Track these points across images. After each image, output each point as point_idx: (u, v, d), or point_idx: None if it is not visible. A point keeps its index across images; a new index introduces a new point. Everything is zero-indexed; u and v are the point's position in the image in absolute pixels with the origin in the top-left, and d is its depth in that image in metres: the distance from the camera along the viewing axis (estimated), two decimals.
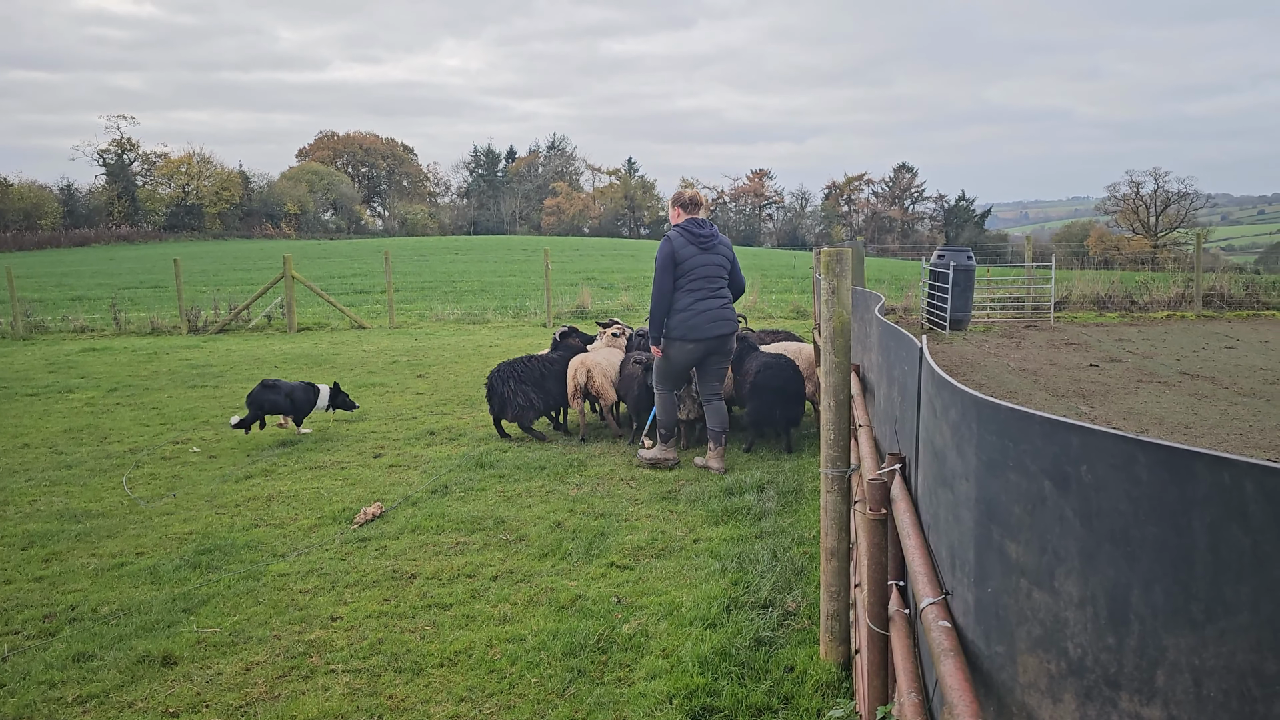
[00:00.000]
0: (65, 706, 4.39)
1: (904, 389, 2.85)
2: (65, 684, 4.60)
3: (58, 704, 4.41)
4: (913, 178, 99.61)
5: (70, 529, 7.02)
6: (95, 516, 7.36)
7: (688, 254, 7.93)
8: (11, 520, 7.30)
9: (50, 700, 4.44)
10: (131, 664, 4.78)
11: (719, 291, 8.08)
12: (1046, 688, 1.46)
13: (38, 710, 4.35)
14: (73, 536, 6.86)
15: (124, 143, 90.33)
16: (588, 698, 4.33)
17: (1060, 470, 1.39)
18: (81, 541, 6.77)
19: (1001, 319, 20.39)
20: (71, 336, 21.16)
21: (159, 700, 4.41)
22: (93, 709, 4.37)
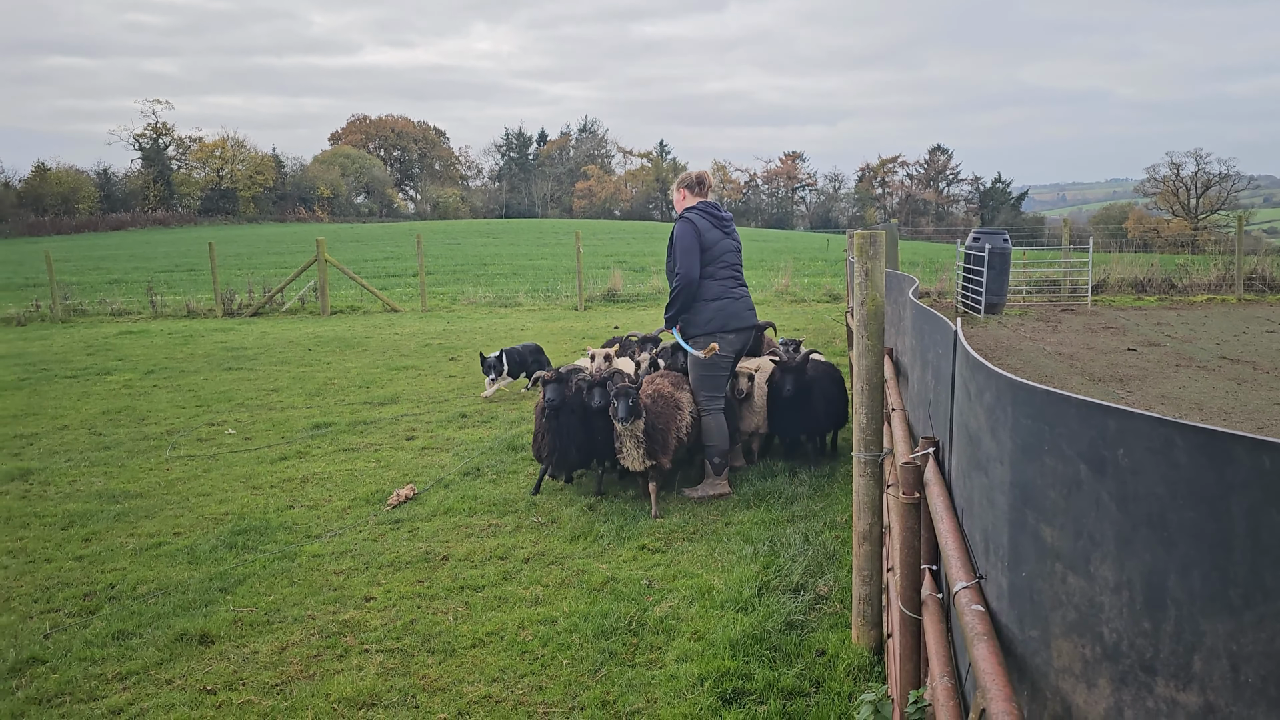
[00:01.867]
0: (105, 683, 4.48)
1: (938, 372, 2.82)
2: (105, 661, 4.70)
3: (98, 680, 4.50)
4: (948, 160, 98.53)
5: (109, 509, 7.15)
6: (133, 497, 7.49)
7: (713, 238, 7.17)
8: (52, 500, 7.44)
9: (91, 677, 4.54)
10: (170, 642, 4.86)
11: (743, 279, 7.48)
12: (1081, 672, 1.45)
13: (79, 686, 4.45)
14: (111, 516, 6.98)
15: (159, 127, 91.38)
16: (619, 679, 4.35)
17: (1097, 454, 1.37)
18: (120, 521, 6.89)
19: (1037, 302, 20.15)
20: (109, 320, 21.48)
21: (196, 678, 4.49)
22: (132, 685, 4.45)
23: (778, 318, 17.90)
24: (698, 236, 7.11)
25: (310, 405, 10.96)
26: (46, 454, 8.97)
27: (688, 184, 7.42)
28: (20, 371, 13.96)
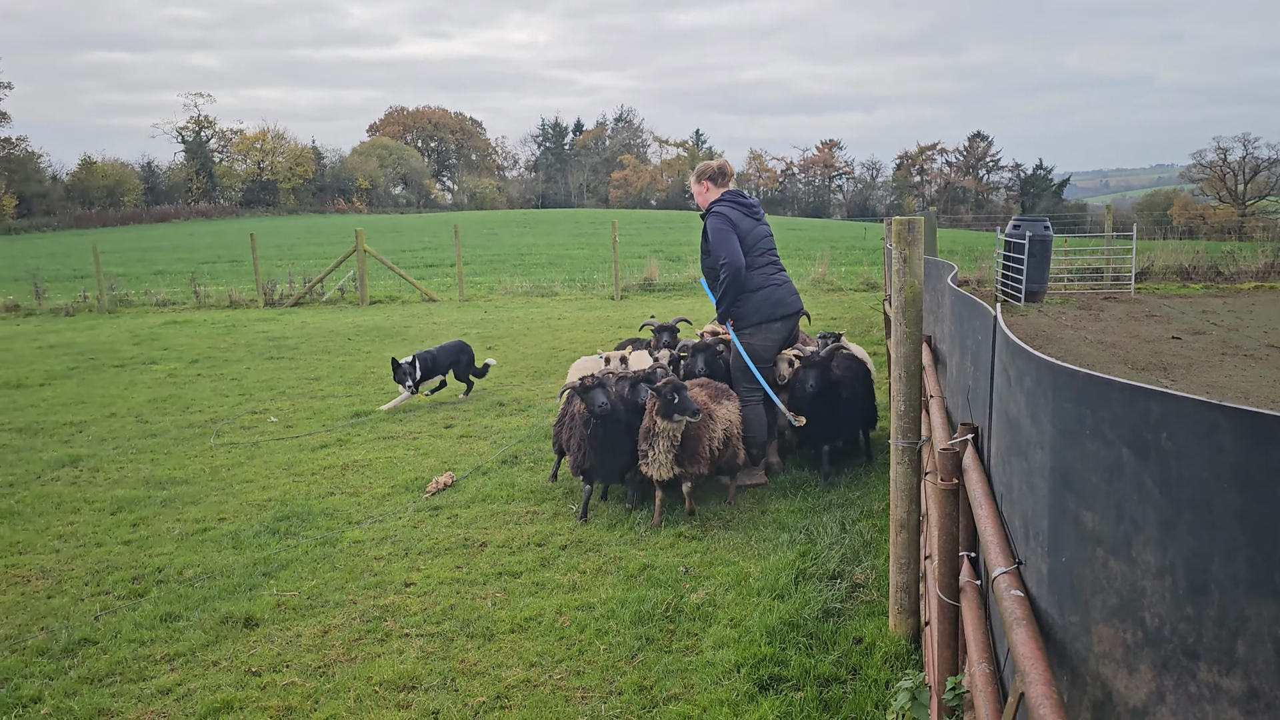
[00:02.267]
0: (154, 664, 4.59)
1: (977, 358, 2.80)
2: (154, 642, 4.80)
3: (147, 661, 4.61)
4: (988, 146, 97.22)
5: (156, 495, 7.30)
6: (179, 483, 7.63)
7: (747, 226, 7.02)
8: (101, 486, 7.60)
9: (140, 658, 4.64)
10: (215, 625, 4.96)
11: (781, 264, 7.33)
12: (1122, 658, 1.44)
13: (129, 667, 4.55)
14: (158, 502, 7.12)
15: (201, 120, 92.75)
16: (656, 665, 4.37)
17: (1139, 438, 1.36)
18: (167, 507, 7.03)
19: (1079, 290, 19.86)
20: (154, 310, 21.86)
21: (242, 660, 4.58)
22: (180, 667, 4.55)
23: (814, 307, 17.81)
24: (733, 227, 6.98)
25: (350, 394, 11.09)
26: (95, 441, 9.16)
27: (710, 175, 7.20)
28: (70, 361, 14.26)
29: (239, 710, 4.10)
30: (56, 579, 5.72)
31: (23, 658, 4.66)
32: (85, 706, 4.17)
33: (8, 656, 4.68)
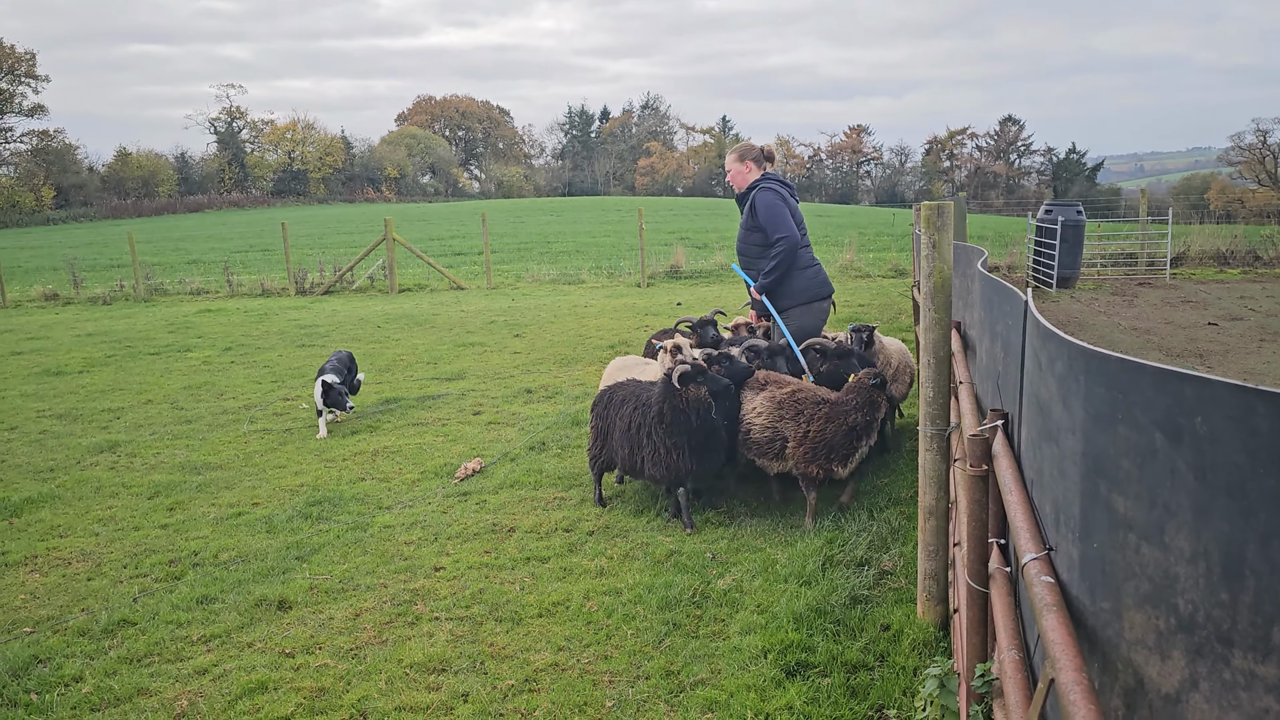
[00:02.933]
0: (190, 645, 4.66)
1: (1007, 344, 2.78)
2: (190, 624, 4.88)
3: (184, 642, 4.69)
4: (1019, 131, 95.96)
5: (191, 480, 7.40)
6: (214, 469, 7.74)
7: (791, 206, 6.97)
8: (139, 471, 7.72)
9: (177, 639, 4.72)
10: (250, 607, 5.04)
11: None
12: (1154, 644, 1.43)
13: (166, 647, 4.64)
14: (194, 487, 7.23)
15: (233, 111, 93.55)
16: (683, 650, 4.39)
17: (1173, 422, 1.35)
18: (202, 492, 7.13)
19: (1113, 276, 19.61)
20: (188, 298, 22.11)
21: (275, 641, 4.65)
22: (215, 648, 4.63)
23: (842, 293, 17.71)
24: (784, 203, 6.92)
25: (380, 381, 11.18)
26: (132, 427, 9.30)
27: (754, 157, 7.13)
28: (107, 349, 14.48)
29: (273, 690, 4.17)
30: (96, 561, 5.82)
31: (64, 638, 4.76)
32: (125, 686, 4.25)
33: (50, 637, 4.78)
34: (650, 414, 5.98)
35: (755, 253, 7.04)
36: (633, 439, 6.08)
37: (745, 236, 7.10)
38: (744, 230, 7.11)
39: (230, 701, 4.10)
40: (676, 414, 5.81)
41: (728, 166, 7.23)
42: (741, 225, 7.16)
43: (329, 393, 8.85)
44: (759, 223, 6.93)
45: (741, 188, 7.17)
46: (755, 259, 7.05)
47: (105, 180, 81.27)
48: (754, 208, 6.95)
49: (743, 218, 7.15)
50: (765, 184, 7.00)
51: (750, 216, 7.00)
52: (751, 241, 7.05)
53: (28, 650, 4.61)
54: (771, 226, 6.87)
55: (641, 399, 6.17)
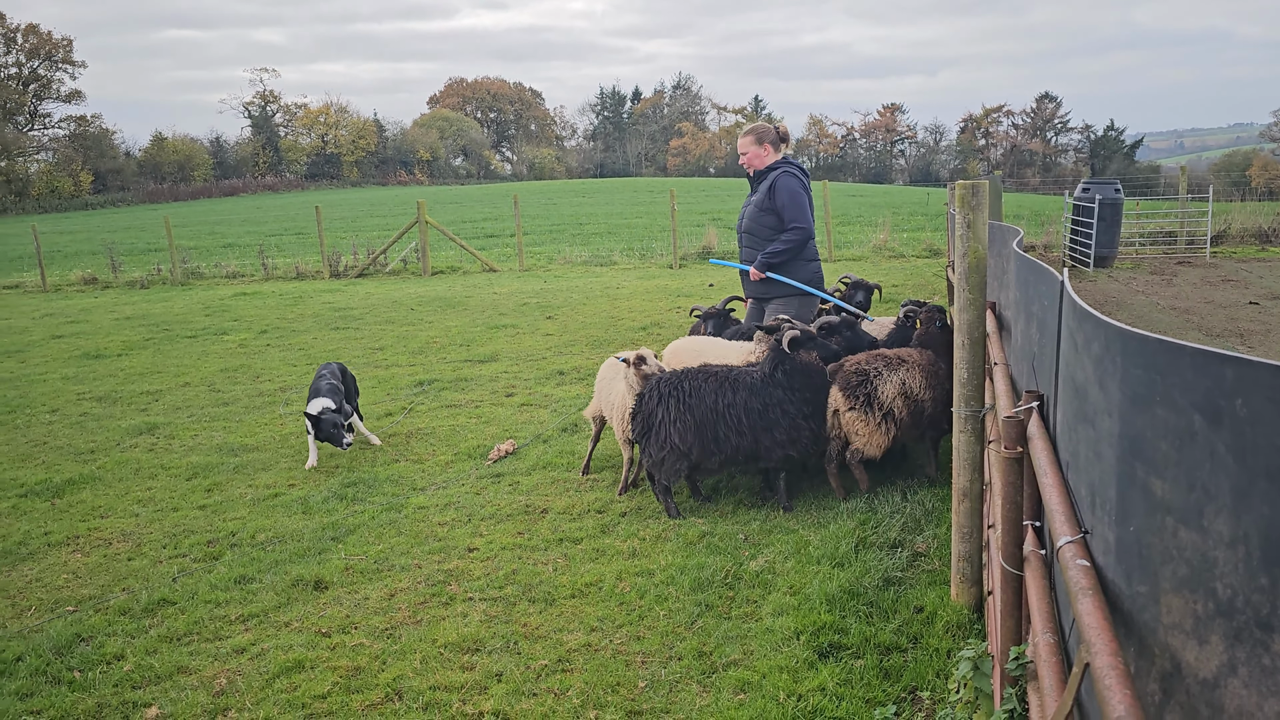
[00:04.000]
0: (229, 624, 4.74)
1: (1043, 324, 2.75)
2: (228, 604, 4.97)
3: (222, 621, 4.77)
4: (1056, 108, 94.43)
5: (229, 461, 7.51)
6: (251, 450, 7.84)
7: (809, 197, 6.94)
8: (177, 453, 7.85)
9: (216, 618, 4.81)
10: (287, 587, 5.11)
11: None
12: (1192, 629, 1.41)
13: (205, 626, 4.72)
14: (231, 469, 7.33)
15: (267, 95, 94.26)
16: (715, 631, 4.40)
17: (1212, 404, 1.33)
18: (239, 473, 7.23)
19: (1151, 255, 19.28)
20: (224, 282, 22.37)
21: (312, 621, 4.72)
22: (253, 627, 4.70)
23: (875, 274, 17.57)
24: (805, 191, 6.89)
25: (414, 363, 11.26)
26: (171, 409, 9.45)
27: (771, 139, 7.02)
28: (145, 332, 14.69)
29: (310, 669, 4.23)
30: (136, 542, 5.93)
31: (106, 617, 4.85)
32: (165, 664, 4.34)
33: (92, 615, 4.88)
34: (759, 389, 5.80)
35: (766, 234, 6.97)
36: (738, 421, 5.79)
37: (757, 216, 7.01)
38: (756, 210, 7.01)
39: (268, 680, 4.16)
40: (793, 375, 5.77)
41: (743, 149, 7.07)
42: (753, 204, 7.06)
43: (319, 427, 7.13)
44: (776, 205, 6.87)
45: (759, 168, 7.05)
46: (764, 240, 6.98)
47: (142, 165, 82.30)
48: (774, 190, 6.87)
49: (755, 196, 7.06)
50: (788, 168, 6.95)
51: (768, 198, 6.91)
52: (764, 223, 6.97)
53: (70, 628, 4.71)
54: (790, 213, 6.83)
55: (732, 380, 5.89)
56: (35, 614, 4.97)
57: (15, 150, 72.17)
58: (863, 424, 5.78)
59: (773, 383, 5.81)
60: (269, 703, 3.98)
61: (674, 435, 5.78)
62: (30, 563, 5.69)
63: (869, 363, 5.90)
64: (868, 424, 5.78)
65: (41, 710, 4.02)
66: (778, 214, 6.88)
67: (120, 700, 4.07)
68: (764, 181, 6.98)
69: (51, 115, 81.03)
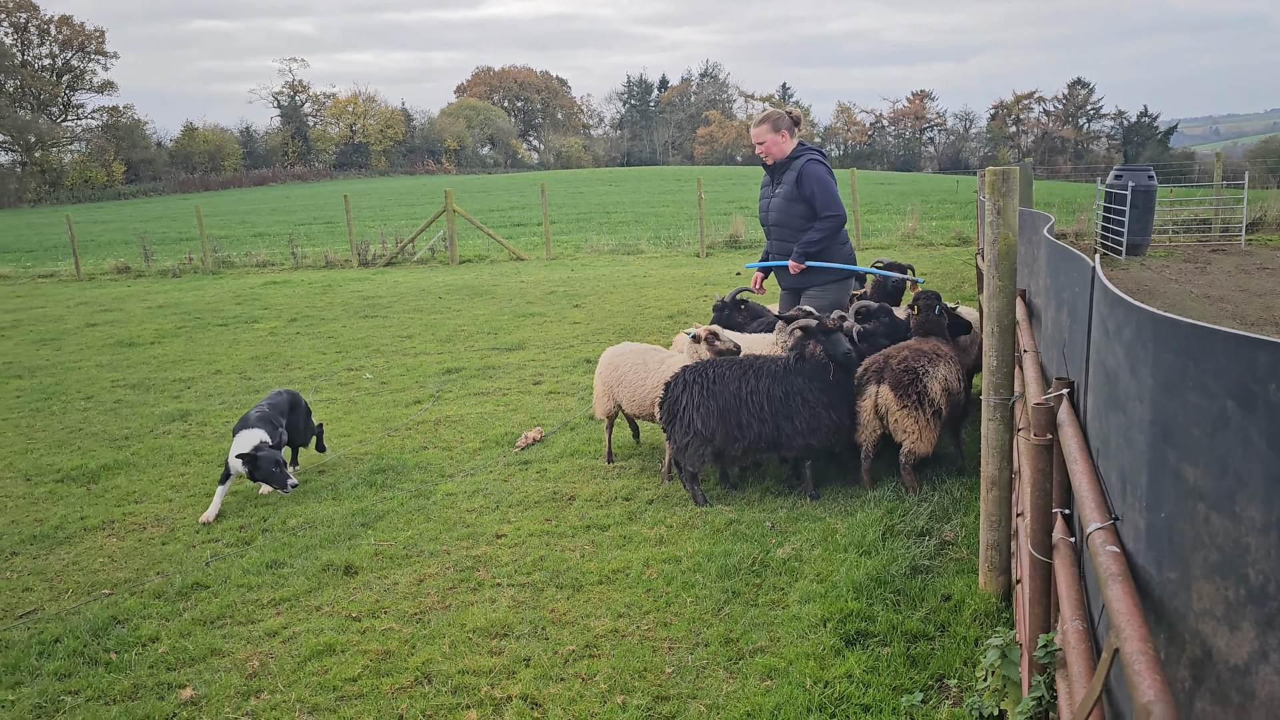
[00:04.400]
0: (261, 608, 4.81)
1: (1073, 311, 2.73)
2: (260, 588, 5.04)
3: (254, 605, 4.84)
4: (1088, 94, 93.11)
5: None
6: None
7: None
8: (209, 439, 7.95)
9: (248, 602, 4.88)
10: (317, 572, 5.17)
11: None
12: (1223, 615, 1.40)
13: (237, 610, 4.79)
14: None
15: (296, 85, 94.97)
16: (742, 618, 4.41)
17: (1245, 389, 1.31)
18: None
19: (1185, 243, 19.02)
20: (254, 271, 22.58)
21: (342, 605, 4.77)
22: (285, 611, 4.76)
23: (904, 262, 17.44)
24: (831, 176, 6.82)
25: (442, 351, 11.33)
26: (203, 396, 9.57)
27: (786, 125, 6.86)
28: (177, 321, 14.88)
29: (340, 653, 4.29)
30: (170, 526, 6.02)
31: (141, 600, 4.94)
32: (199, 646, 4.41)
33: (128, 598, 4.97)
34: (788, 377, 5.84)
35: (798, 225, 6.84)
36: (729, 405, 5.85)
37: (787, 208, 6.88)
38: (785, 201, 6.87)
39: (300, 663, 4.22)
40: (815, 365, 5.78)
41: (760, 137, 6.86)
42: (779, 196, 6.90)
43: (255, 467, 6.05)
44: (805, 194, 6.77)
45: (779, 157, 6.89)
46: (797, 231, 6.85)
47: (173, 155, 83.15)
48: (801, 179, 6.76)
49: (782, 188, 6.89)
50: (812, 155, 6.84)
51: (795, 188, 6.80)
52: (795, 214, 6.85)
53: (106, 611, 4.80)
54: (824, 201, 6.73)
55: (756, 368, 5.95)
56: (72, 596, 5.07)
57: (49, 141, 73.17)
58: (914, 423, 5.72)
59: (794, 371, 5.81)
60: (301, 685, 4.04)
61: (697, 421, 5.81)
62: (67, 546, 5.79)
63: (914, 359, 5.81)
64: (919, 422, 5.73)
65: (79, 690, 4.10)
66: (808, 203, 6.78)
67: (155, 681, 4.14)
68: (788, 171, 6.85)
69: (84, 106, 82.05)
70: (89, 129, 79.03)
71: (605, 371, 6.76)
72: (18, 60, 76.86)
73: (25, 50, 78.67)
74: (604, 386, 6.74)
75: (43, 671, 4.27)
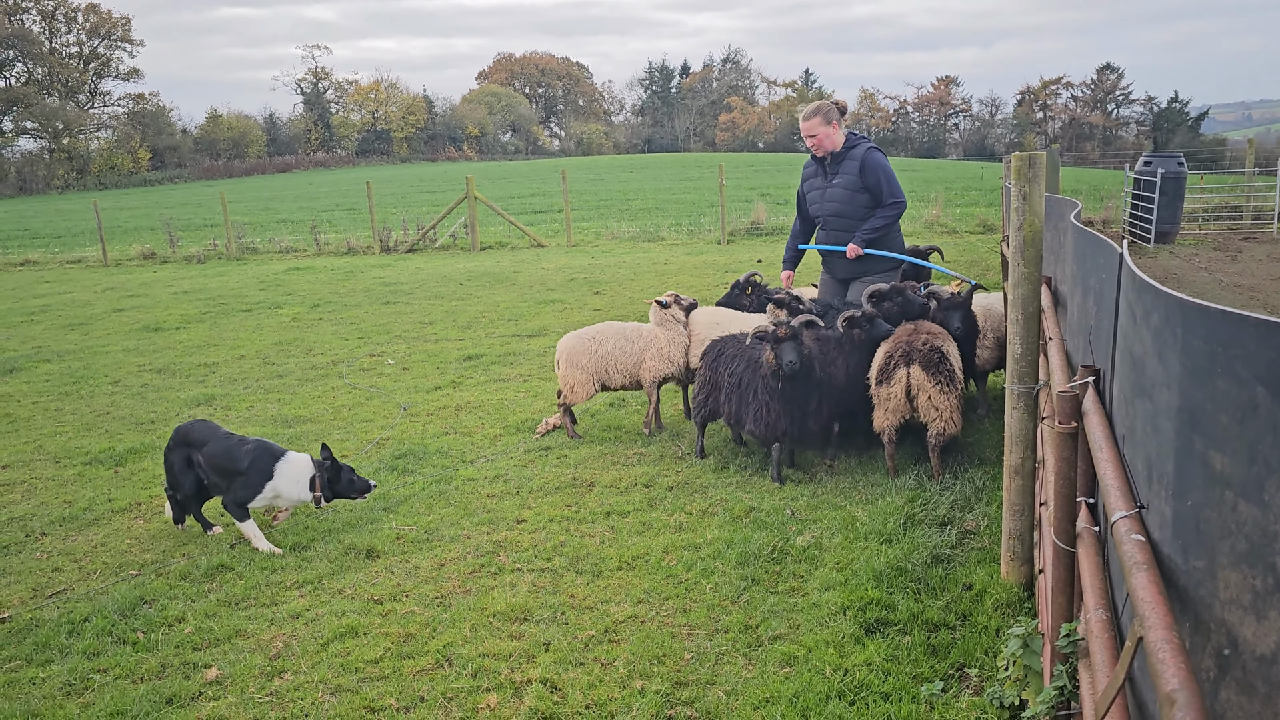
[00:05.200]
0: (284, 590, 4.85)
1: (1100, 297, 2.70)
2: (284, 570, 5.08)
3: (278, 587, 4.88)
4: (1117, 79, 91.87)
5: (284, 432, 7.65)
6: (304, 422, 7.99)
7: None
8: (234, 424, 8.01)
9: (272, 584, 4.92)
10: (340, 555, 5.21)
11: None
12: (1250, 604, 1.38)
13: (262, 592, 4.84)
14: (285, 439, 7.47)
15: (319, 72, 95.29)
16: (761, 605, 4.41)
17: (1276, 376, 1.29)
18: (293, 444, 7.36)
19: (1215, 231, 18.77)
20: (278, 257, 22.72)
21: (364, 589, 4.81)
22: (308, 593, 4.81)
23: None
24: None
25: (463, 337, 11.37)
26: (227, 381, 9.65)
27: (836, 117, 6.91)
28: (202, 306, 15.00)
29: (363, 635, 4.32)
30: None
31: (168, 581, 5.00)
32: (224, 627, 4.46)
33: (155, 579, 5.02)
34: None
35: (862, 214, 6.92)
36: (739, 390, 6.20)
37: (850, 199, 6.93)
38: (846, 191, 6.92)
39: (323, 644, 4.26)
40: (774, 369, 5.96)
41: (813, 130, 6.86)
42: (839, 186, 6.95)
43: (337, 476, 5.51)
44: (869, 184, 6.85)
45: (831, 149, 6.92)
46: (859, 220, 6.92)
47: (198, 142, 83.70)
48: (865, 168, 6.84)
49: (839, 179, 6.94)
50: (869, 144, 6.94)
51: (859, 177, 6.86)
52: (859, 203, 6.92)
53: (134, 591, 4.86)
54: (889, 188, 6.87)
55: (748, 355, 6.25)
56: (100, 577, 5.13)
57: (77, 128, 73.79)
58: (946, 401, 5.72)
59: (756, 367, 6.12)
60: (324, 666, 4.08)
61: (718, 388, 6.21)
62: (95, 528, 5.86)
63: (934, 339, 5.85)
64: (949, 400, 5.73)
65: (108, 669, 4.16)
66: (871, 192, 6.87)
67: (182, 661, 4.19)
68: (846, 161, 6.91)
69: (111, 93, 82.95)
70: (115, 116, 79.62)
71: (583, 359, 7.06)
72: (46, 48, 77.49)
73: (53, 38, 79.34)
74: (586, 374, 7.04)
75: (72, 650, 4.33)
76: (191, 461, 5.53)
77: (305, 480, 5.47)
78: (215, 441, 5.49)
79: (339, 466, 5.53)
